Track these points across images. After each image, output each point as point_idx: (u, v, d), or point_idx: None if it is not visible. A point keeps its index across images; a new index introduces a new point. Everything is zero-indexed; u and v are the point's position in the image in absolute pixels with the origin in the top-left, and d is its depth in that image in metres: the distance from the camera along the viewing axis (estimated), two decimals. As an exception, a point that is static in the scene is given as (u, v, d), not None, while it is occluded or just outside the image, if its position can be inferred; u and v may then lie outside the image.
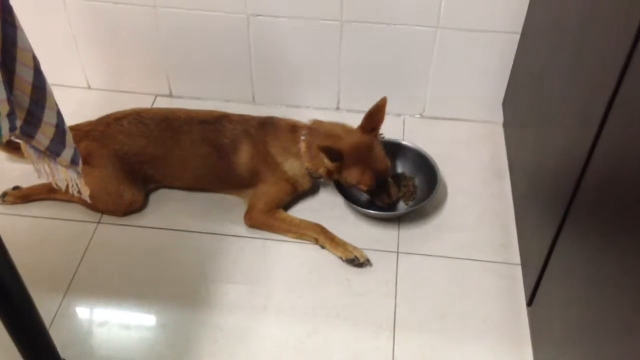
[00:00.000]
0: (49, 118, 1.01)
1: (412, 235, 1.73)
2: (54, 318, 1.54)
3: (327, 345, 1.49)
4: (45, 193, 1.80)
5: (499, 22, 1.81)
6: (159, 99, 2.13)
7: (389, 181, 1.75)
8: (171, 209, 1.80)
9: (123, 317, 1.56)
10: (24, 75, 0.94)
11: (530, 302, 1.44)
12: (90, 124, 1.79)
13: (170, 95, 2.14)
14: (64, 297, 1.58)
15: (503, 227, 1.75)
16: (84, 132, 1.75)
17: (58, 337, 1.41)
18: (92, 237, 1.72)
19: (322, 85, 2.02)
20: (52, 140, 1.04)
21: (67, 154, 1.08)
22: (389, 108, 1.77)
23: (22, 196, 1.80)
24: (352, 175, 1.68)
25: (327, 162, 1.66)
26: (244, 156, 1.74)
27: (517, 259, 1.64)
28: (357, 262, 1.64)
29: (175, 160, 1.76)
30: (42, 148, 1.05)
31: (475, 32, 1.84)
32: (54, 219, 1.77)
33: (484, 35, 1.84)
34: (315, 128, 1.75)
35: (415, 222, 1.76)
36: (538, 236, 1.44)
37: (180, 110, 1.82)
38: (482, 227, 1.75)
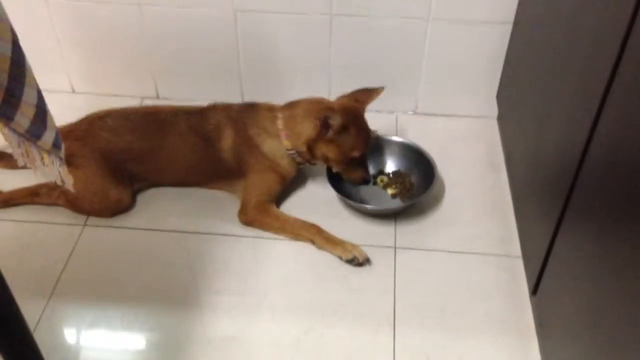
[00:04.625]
0: (28, 97, 0.95)
1: (409, 230, 1.68)
2: (37, 322, 1.47)
3: (325, 343, 1.43)
4: (28, 197, 1.73)
5: (490, 12, 1.79)
6: (145, 101, 2.08)
7: (366, 155, 1.72)
8: (159, 209, 1.74)
9: (110, 320, 1.49)
10: (1, 48, 0.89)
11: (534, 291, 1.39)
12: (71, 124, 1.74)
13: (157, 97, 2.09)
14: (47, 302, 1.51)
15: (501, 219, 1.71)
16: (65, 132, 1.69)
17: (42, 341, 1.33)
18: (77, 240, 1.66)
19: (313, 81, 1.97)
20: (32, 122, 0.98)
21: (49, 136, 1.02)
22: (381, 104, 1.74)
23: (2, 200, 1.73)
24: (348, 138, 1.63)
25: (336, 120, 1.59)
26: (227, 141, 1.69)
27: (517, 251, 1.61)
28: (357, 261, 1.58)
29: (162, 154, 1.71)
30: (21, 130, 0.99)
31: (467, 24, 1.81)
32: (37, 222, 1.70)
33: (475, 27, 1.82)
34: (291, 104, 1.71)
35: (412, 217, 1.72)
36: (539, 226, 1.40)
37: (165, 105, 1.77)
38: (480, 220, 1.71)
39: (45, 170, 1.08)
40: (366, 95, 1.69)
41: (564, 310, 1.24)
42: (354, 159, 1.67)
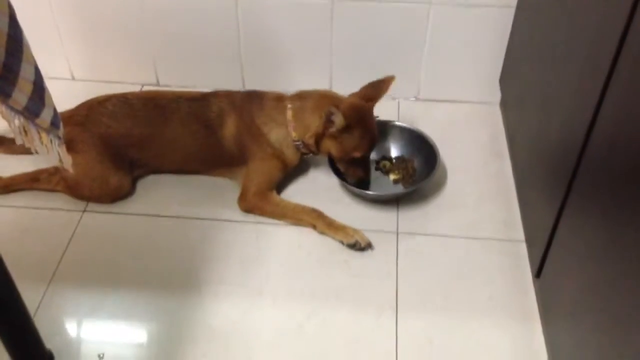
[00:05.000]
0: (26, 72, 0.94)
1: (411, 215, 1.67)
2: (37, 308, 1.46)
3: (328, 328, 1.42)
4: (27, 183, 1.72)
5: (492, -4, 1.77)
6: (145, 88, 2.06)
7: (369, 156, 1.70)
8: (160, 195, 1.73)
9: (111, 305, 1.48)
10: (-2, 23, 0.87)
11: (537, 274, 1.38)
12: (71, 109, 1.73)
13: (157, 84, 2.07)
14: (47, 287, 1.50)
15: (504, 204, 1.69)
16: (65, 117, 1.65)
17: (42, 326, 1.33)
18: (77, 226, 1.65)
19: (314, 68, 1.96)
20: (30, 98, 0.97)
21: (47, 114, 1.01)
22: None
23: (2, 186, 1.72)
24: (352, 139, 1.61)
25: (338, 119, 1.56)
26: (230, 129, 1.67)
27: (520, 235, 1.60)
28: (359, 245, 1.57)
29: (163, 140, 1.70)
30: (19, 107, 0.97)
31: (469, 7, 1.79)
32: (36, 208, 1.69)
33: (478, 10, 1.80)
34: (301, 95, 1.69)
35: (414, 202, 1.70)
36: (542, 209, 1.39)
37: (166, 90, 1.75)
38: (483, 205, 1.70)
39: (43, 149, 1.06)
40: (376, 90, 1.66)
41: (567, 293, 1.23)
42: (356, 158, 1.66)
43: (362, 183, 1.69)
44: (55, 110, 1.04)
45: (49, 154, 1.08)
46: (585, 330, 1.14)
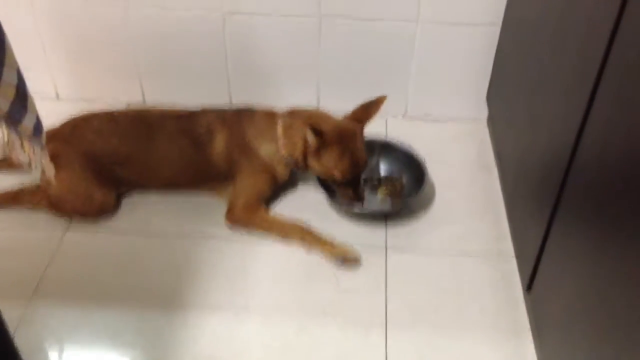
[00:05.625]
0: (7, 77, 0.92)
1: (400, 231, 1.66)
2: (17, 326, 1.41)
3: (316, 344, 1.39)
4: (9, 200, 1.69)
5: (478, 13, 1.79)
6: (131, 106, 2.05)
7: (361, 178, 1.67)
8: (144, 213, 1.70)
9: (94, 324, 1.44)
10: (-21, 24, 0.86)
11: (529, 287, 1.36)
12: (56, 127, 1.71)
13: (143, 102, 2.06)
14: (28, 305, 1.46)
15: (493, 220, 1.68)
16: (50, 134, 1.64)
17: (22, 344, 1.28)
18: (60, 243, 1.61)
19: (301, 85, 1.96)
20: (13, 103, 0.95)
21: (29, 120, 0.99)
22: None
23: (-17, 204, 1.69)
24: (330, 158, 1.59)
25: (310, 137, 1.56)
26: (219, 144, 1.66)
27: (510, 250, 1.59)
28: (347, 260, 1.55)
29: (149, 158, 1.68)
30: (1, 114, 0.95)
31: (455, 25, 1.81)
32: (19, 225, 1.66)
33: (464, 28, 1.81)
34: (292, 112, 1.68)
35: (403, 218, 1.69)
36: (532, 223, 1.39)
37: (153, 108, 1.74)
38: (472, 221, 1.69)
39: (25, 158, 1.04)
40: (367, 111, 1.65)
41: (559, 306, 1.22)
42: (338, 180, 1.63)
43: (353, 202, 1.67)
44: (38, 117, 1.02)
45: (30, 163, 1.05)
46: (578, 344, 1.12)
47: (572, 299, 1.15)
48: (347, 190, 1.65)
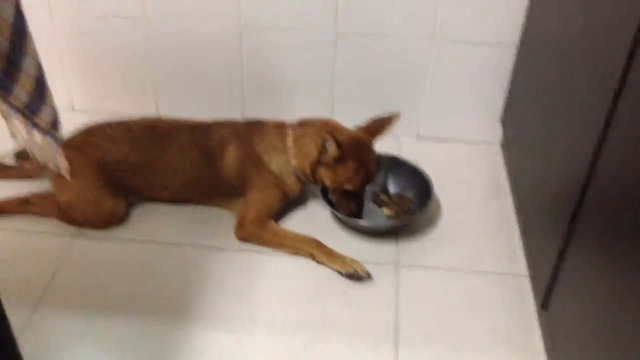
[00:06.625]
0: (28, 67, 0.93)
1: (411, 248, 1.64)
2: (22, 330, 1.39)
3: (324, 358, 1.36)
4: (19, 206, 1.68)
5: (495, 34, 1.79)
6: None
7: (365, 190, 1.67)
8: (154, 222, 1.69)
9: (100, 332, 1.41)
10: (3, 12, 0.86)
11: (544, 305, 1.33)
12: (70, 135, 1.71)
13: (158, 114, 2.06)
14: (34, 311, 1.44)
15: (505, 240, 1.66)
16: (63, 142, 1.65)
17: (25, 350, 1.26)
18: (68, 251, 1.60)
19: (315, 100, 1.96)
20: (31, 95, 0.95)
21: (47, 113, 0.99)
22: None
23: (-6, 209, 1.68)
24: (345, 170, 1.58)
25: (331, 147, 1.55)
26: (231, 157, 1.65)
27: (523, 270, 1.57)
28: (357, 275, 1.53)
29: (161, 167, 1.67)
30: (19, 104, 0.95)
31: (471, 45, 1.81)
32: (27, 231, 1.65)
33: (480, 48, 1.82)
34: (303, 122, 1.68)
35: (414, 236, 1.67)
36: (547, 242, 1.37)
37: (167, 118, 1.74)
38: (484, 240, 1.67)
39: (40, 152, 1.04)
40: (379, 125, 1.65)
41: (574, 325, 1.20)
42: (349, 191, 1.63)
43: (353, 214, 1.66)
44: (55, 110, 1.02)
45: (45, 157, 1.05)
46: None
47: (589, 317, 1.12)
48: (349, 202, 1.64)
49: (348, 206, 1.65)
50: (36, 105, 0.97)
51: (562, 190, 1.32)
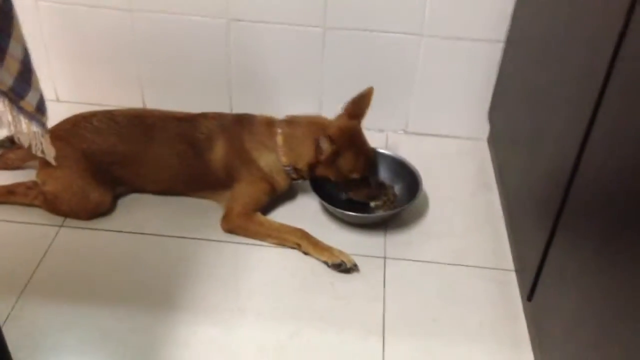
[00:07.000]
0: (14, 50, 0.91)
1: (398, 241, 1.64)
2: (6, 319, 1.38)
3: (311, 348, 1.36)
4: (4, 196, 1.66)
5: (482, 30, 1.80)
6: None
7: (369, 174, 1.68)
8: (140, 213, 1.68)
9: (86, 321, 1.40)
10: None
11: (529, 297, 1.34)
12: (55, 124, 1.69)
13: (144, 106, 2.05)
14: (17, 299, 1.43)
15: (492, 234, 1.67)
16: (49, 131, 1.64)
17: (9, 338, 1.25)
18: (52, 241, 1.58)
19: (303, 95, 1.95)
20: (16, 79, 0.94)
21: (33, 97, 0.98)
22: (371, 123, 1.72)
23: (-23, 199, 1.66)
24: (345, 162, 1.59)
25: (325, 146, 1.56)
26: (219, 152, 1.65)
27: (509, 264, 1.58)
28: (344, 266, 1.52)
29: (147, 159, 1.66)
30: (4, 88, 0.94)
31: (459, 40, 1.82)
32: (11, 221, 1.63)
33: (468, 44, 1.82)
34: (291, 121, 1.67)
35: (402, 229, 1.67)
36: (533, 235, 1.39)
37: (154, 109, 1.73)
38: (471, 234, 1.67)
39: (26, 137, 1.02)
40: (359, 106, 1.65)
41: (560, 316, 1.21)
42: (355, 179, 1.64)
43: (371, 199, 1.69)
44: (41, 95, 1.00)
45: (30, 142, 1.03)
46: (579, 354, 1.11)
47: (574, 308, 1.14)
48: (361, 189, 1.66)
49: (361, 192, 1.67)
50: (22, 88, 0.95)
51: (547, 185, 1.33)
